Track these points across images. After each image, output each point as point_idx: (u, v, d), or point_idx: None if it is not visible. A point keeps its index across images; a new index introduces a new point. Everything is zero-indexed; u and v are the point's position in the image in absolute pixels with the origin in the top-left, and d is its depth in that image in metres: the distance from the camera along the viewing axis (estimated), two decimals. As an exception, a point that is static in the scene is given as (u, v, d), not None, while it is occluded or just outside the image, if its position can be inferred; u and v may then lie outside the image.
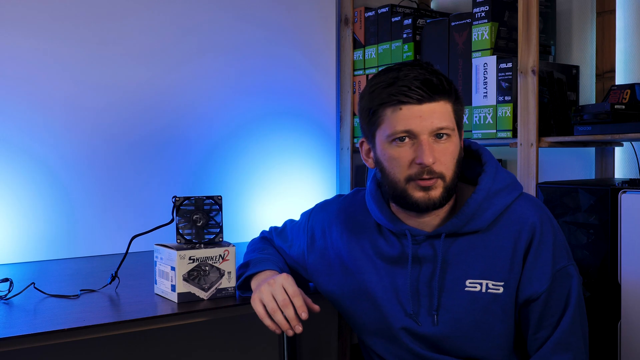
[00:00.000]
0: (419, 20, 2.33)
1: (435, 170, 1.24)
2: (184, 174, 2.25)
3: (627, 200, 1.59)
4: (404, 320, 1.31)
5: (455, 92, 1.27)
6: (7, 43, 1.94)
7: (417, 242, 1.31)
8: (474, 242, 1.29)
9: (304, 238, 1.48)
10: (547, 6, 2.21)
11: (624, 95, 1.85)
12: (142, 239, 1.54)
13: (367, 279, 1.35)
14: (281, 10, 2.45)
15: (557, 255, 1.27)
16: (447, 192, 1.26)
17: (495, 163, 1.33)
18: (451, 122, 1.25)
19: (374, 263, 1.35)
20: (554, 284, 1.25)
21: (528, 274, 1.26)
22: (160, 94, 2.20)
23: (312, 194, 2.53)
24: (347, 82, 2.56)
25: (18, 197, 1.96)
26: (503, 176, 1.32)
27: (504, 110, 2.02)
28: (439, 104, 1.24)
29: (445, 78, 1.26)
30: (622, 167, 2.18)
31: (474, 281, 1.27)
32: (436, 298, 1.28)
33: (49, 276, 1.77)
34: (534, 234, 1.26)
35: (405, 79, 1.23)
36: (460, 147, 1.29)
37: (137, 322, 1.32)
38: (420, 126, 1.22)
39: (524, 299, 1.26)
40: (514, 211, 1.29)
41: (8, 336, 1.19)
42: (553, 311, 1.25)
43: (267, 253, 1.50)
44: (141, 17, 2.16)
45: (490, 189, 1.29)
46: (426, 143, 1.23)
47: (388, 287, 1.33)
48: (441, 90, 1.23)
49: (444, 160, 1.24)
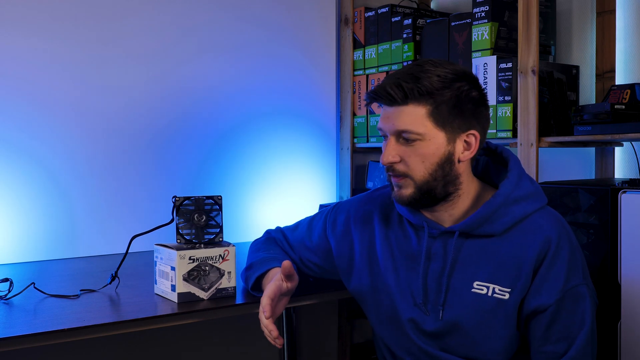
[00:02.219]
0: (419, 20, 2.33)
1: (398, 170, 1.29)
2: (184, 174, 2.25)
3: (627, 200, 1.58)
4: (412, 310, 1.33)
5: (443, 94, 1.24)
6: (7, 43, 1.94)
7: (432, 237, 1.33)
8: (487, 245, 1.30)
9: (325, 223, 1.50)
10: (547, 6, 2.21)
11: (624, 95, 1.85)
12: (142, 239, 1.54)
13: (385, 270, 1.38)
14: (281, 10, 2.45)
15: (572, 272, 1.26)
16: (419, 191, 1.28)
17: (519, 171, 1.33)
18: (419, 127, 1.25)
19: (394, 256, 1.38)
20: (565, 301, 1.24)
21: (537, 286, 1.25)
22: (160, 94, 2.20)
23: (312, 194, 2.53)
24: (347, 82, 2.56)
25: (18, 197, 1.96)
26: (526, 185, 1.31)
27: (504, 110, 2.02)
28: (406, 107, 1.26)
29: (427, 81, 1.24)
30: (622, 167, 2.18)
31: (481, 284, 1.28)
32: (443, 294, 1.30)
33: (49, 276, 1.76)
34: (549, 247, 1.26)
35: (388, 80, 1.27)
36: (446, 151, 1.27)
37: (137, 322, 1.32)
38: (385, 127, 1.29)
39: (530, 310, 1.26)
40: (532, 222, 1.29)
41: (8, 336, 1.19)
42: (563, 327, 1.24)
43: (273, 252, 1.52)
44: (141, 17, 2.16)
45: (510, 195, 1.29)
46: (389, 143, 1.29)
47: (402, 280, 1.35)
48: (411, 95, 1.24)
49: (410, 161, 1.27)
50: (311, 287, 1.56)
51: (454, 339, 1.30)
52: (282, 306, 1.38)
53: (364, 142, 2.51)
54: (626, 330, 1.59)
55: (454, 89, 1.26)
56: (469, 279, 1.29)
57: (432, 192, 1.29)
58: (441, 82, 1.25)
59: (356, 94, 2.54)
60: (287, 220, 2.39)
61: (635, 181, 1.71)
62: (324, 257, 1.50)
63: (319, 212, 1.56)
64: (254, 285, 1.46)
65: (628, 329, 1.58)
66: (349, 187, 2.56)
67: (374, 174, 2.45)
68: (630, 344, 1.58)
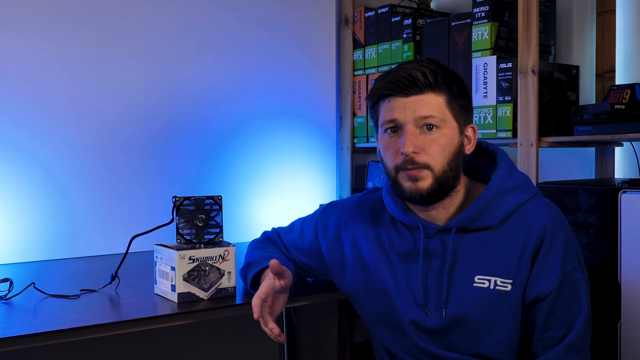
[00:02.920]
0: (419, 20, 2.33)
1: (418, 161, 1.26)
2: (184, 174, 2.25)
3: (627, 200, 1.58)
4: (414, 312, 1.33)
5: (452, 87, 1.29)
6: (7, 43, 1.94)
7: (428, 236, 1.33)
8: (484, 238, 1.30)
9: (317, 227, 1.50)
10: (547, 6, 2.21)
11: (624, 95, 1.85)
12: (142, 239, 1.54)
13: (380, 271, 1.37)
14: (281, 10, 2.45)
15: (568, 258, 1.27)
16: (437, 183, 1.27)
17: (509, 163, 1.35)
18: (440, 114, 1.27)
19: (388, 256, 1.37)
20: (563, 286, 1.26)
21: (537, 274, 1.26)
22: (160, 94, 2.20)
23: (312, 194, 2.53)
24: (347, 82, 2.56)
25: (18, 197, 1.96)
26: (517, 176, 1.34)
27: (504, 110, 2.02)
28: (426, 95, 1.27)
29: (440, 72, 1.28)
30: (622, 167, 2.18)
31: (482, 277, 1.28)
32: (445, 292, 1.30)
33: (49, 276, 1.76)
34: (544, 235, 1.27)
35: (396, 74, 1.28)
36: (459, 141, 1.30)
37: (137, 322, 1.32)
38: (404, 115, 1.27)
39: (531, 298, 1.27)
40: (525, 211, 1.30)
41: (8, 336, 1.19)
42: (562, 312, 1.26)
43: (269, 251, 1.52)
44: (141, 17, 2.16)
45: (502, 186, 1.30)
46: (409, 132, 1.26)
47: (400, 281, 1.35)
48: (427, 84, 1.26)
49: (430, 151, 1.27)
50: (311, 287, 1.57)
51: (459, 335, 1.30)
52: (280, 304, 1.38)
53: (364, 142, 2.51)
54: (626, 330, 1.59)
55: (458, 82, 1.31)
56: (470, 274, 1.29)
57: (446, 185, 1.29)
58: (450, 75, 1.30)
59: (356, 94, 2.54)
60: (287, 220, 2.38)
61: (635, 181, 1.71)
62: (317, 260, 1.50)
63: (312, 215, 1.56)
64: (252, 284, 1.46)
65: (628, 329, 1.58)
66: (349, 187, 2.56)
67: (374, 174, 2.45)
68: (630, 344, 1.58)
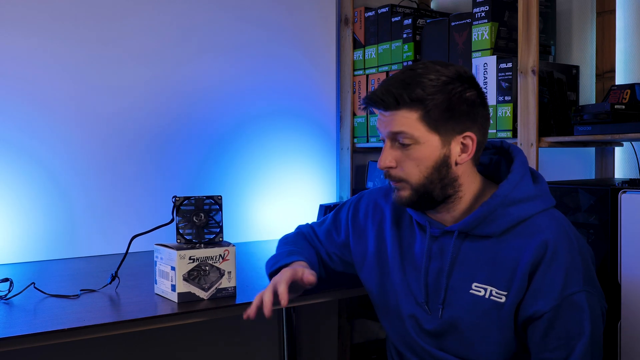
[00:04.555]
0: (419, 20, 2.33)
1: (393, 175, 1.31)
2: (184, 173, 2.25)
3: (627, 200, 1.58)
4: (414, 308, 1.36)
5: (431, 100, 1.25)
6: (7, 43, 1.94)
7: (434, 236, 1.35)
8: (485, 246, 1.29)
9: (348, 218, 1.53)
10: (547, 6, 2.21)
11: (624, 95, 1.85)
12: (142, 239, 1.54)
13: (392, 268, 1.40)
14: (281, 10, 2.45)
15: (571, 278, 1.22)
16: (416, 194, 1.30)
17: (523, 171, 1.31)
18: (411, 130, 1.26)
19: (403, 254, 1.40)
20: (563, 308, 1.21)
21: (533, 291, 1.23)
22: (160, 94, 2.20)
23: (312, 194, 2.53)
24: (347, 82, 2.56)
25: (18, 197, 1.96)
26: (527, 187, 1.29)
27: (504, 110, 2.02)
28: (401, 111, 1.27)
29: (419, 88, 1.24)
30: (622, 167, 2.18)
31: (479, 285, 1.28)
32: (443, 293, 1.31)
33: (49, 276, 1.76)
34: (545, 252, 1.23)
35: (381, 86, 1.30)
36: (441, 154, 1.28)
37: (137, 322, 1.32)
38: (382, 129, 1.31)
39: (527, 316, 1.24)
40: (532, 224, 1.27)
41: (8, 336, 1.19)
42: (561, 336, 1.21)
43: (299, 246, 1.54)
44: (141, 17, 2.16)
45: (507, 197, 1.27)
46: (385, 147, 1.31)
47: (406, 278, 1.38)
48: (402, 101, 1.26)
49: (404, 166, 1.30)
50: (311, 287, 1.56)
51: (452, 339, 1.31)
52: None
53: (364, 142, 2.51)
54: (626, 330, 1.59)
55: (446, 92, 1.25)
56: (468, 280, 1.30)
57: (430, 195, 1.30)
58: (432, 87, 1.25)
59: (356, 94, 2.54)
60: (287, 220, 2.39)
61: (635, 181, 1.71)
62: (346, 251, 1.53)
63: (344, 205, 1.58)
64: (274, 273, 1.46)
65: (628, 329, 1.58)
66: (349, 187, 2.56)
67: (374, 174, 2.45)
68: (630, 344, 1.58)
